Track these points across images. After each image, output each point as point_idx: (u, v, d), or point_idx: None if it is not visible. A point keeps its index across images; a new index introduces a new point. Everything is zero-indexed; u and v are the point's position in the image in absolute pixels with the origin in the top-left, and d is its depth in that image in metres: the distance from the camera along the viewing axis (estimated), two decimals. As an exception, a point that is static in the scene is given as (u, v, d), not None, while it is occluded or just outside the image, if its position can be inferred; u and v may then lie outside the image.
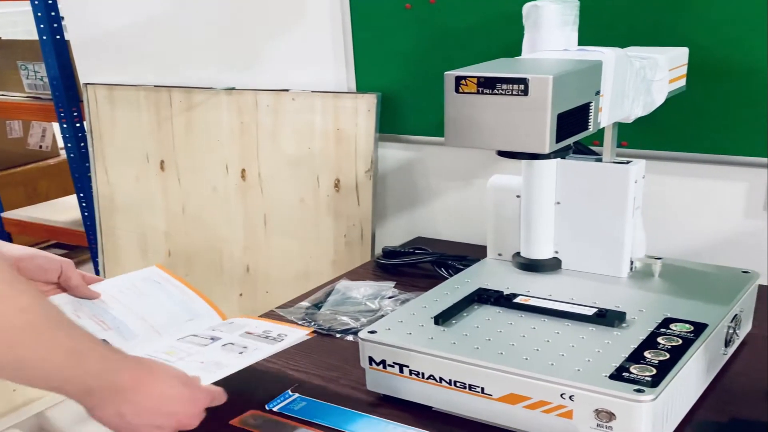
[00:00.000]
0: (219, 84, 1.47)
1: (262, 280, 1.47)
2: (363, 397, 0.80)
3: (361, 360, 0.78)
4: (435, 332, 0.77)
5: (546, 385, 0.66)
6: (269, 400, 0.80)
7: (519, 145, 0.72)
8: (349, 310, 1.03)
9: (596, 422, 0.64)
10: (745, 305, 0.84)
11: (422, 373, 0.74)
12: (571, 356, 0.70)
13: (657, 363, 0.67)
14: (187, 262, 1.58)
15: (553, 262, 0.91)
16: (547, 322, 0.77)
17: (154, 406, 0.67)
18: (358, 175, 1.30)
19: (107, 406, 0.65)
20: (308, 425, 0.75)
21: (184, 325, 0.90)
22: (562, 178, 0.89)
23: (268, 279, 1.46)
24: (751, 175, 1.04)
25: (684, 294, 0.82)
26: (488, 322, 0.78)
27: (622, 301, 0.81)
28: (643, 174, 0.88)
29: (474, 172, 1.26)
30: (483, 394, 0.70)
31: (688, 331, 0.73)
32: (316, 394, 0.81)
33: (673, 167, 1.09)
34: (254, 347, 0.83)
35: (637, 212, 0.88)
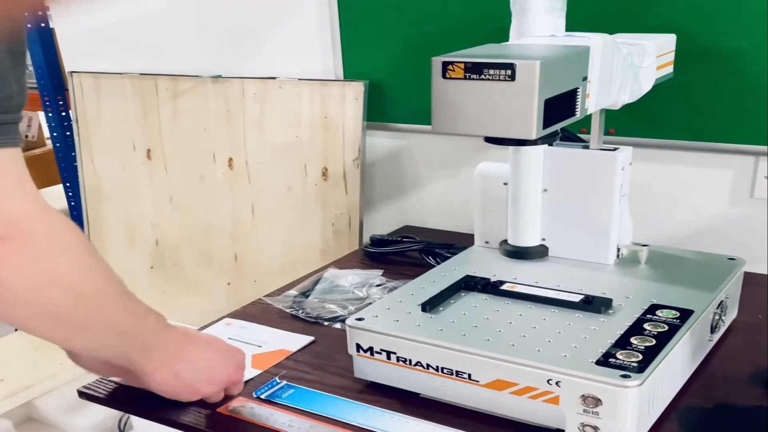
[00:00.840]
0: (205, 72, 1.46)
1: (250, 268, 1.46)
2: (350, 385, 0.79)
3: (349, 347, 0.78)
4: (422, 319, 0.76)
5: (532, 371, 0.66)
6: (257, 387, 0.80)
7: (506, 131, 0.71)
8: (336, 298, 1.03)
9: (583, 408, 0.64)
10: (731, 292, 0.84)
11: (409, 360, 0.73)
12: (557, 342, 0.69)
13: (643, 349, 0.67)
14: (175, 252, 1.57)
15: (540, 249, 0.90)
16: (533, 309, 0.77)
17: (205, 361, 0.74)
18: (345, 163, 1.29)
19: (164, 367, 0.71)
20: (296, 412, 0.75)
21: None
22: (549, 165, 0.88)
23: (256, 268, 1.45)
24: (737, 163, 1.04)
25: (670, 281, 0.82)
26: (475, 309, 0.78)
27: (608, 287, 0.81)
28: (630, 161, 0.87)
29: (462, 160, 1.26)
30: (470, 381, 0.70)
31: (674, 317, 0.73)
32: (304, 382, 0.81)
33: (659, 154, 1.09)
34: None
35: (623, 199, 0.88)
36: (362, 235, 1.31)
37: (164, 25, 1.50)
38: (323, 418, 0.74)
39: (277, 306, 1.00)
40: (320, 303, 1.01)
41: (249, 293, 1.41)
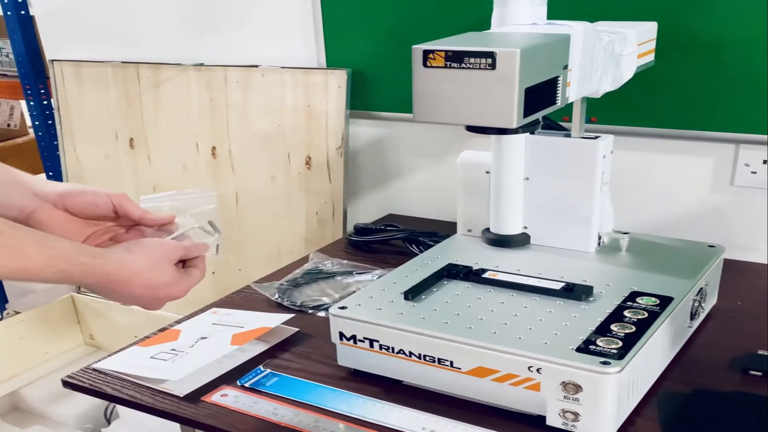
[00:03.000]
0: (188, 60, 1.44)
1: (234, 258, 1.45)
2: (334, 372, 0.79)
3: (332, 335, 0.77)
4: (405, 307, 0.76)
5: (513, 358, 0.66)
6: (241, 375, 0.79)
7: (487, 120, 0.71)
8: (321, 286, 1.02)
9: (563, 394, 0.64)
10: (711, 279, 0.85)
11: (392, 348, 0.73)
12: (538, 330, 0.70)
13: (623, 336, 0.67)
14: (159, 241, 1.56)
15: (522, 237, 0.90)
16: (515, 297, 0.77)
17: (133, 299, 0.71)
18: (329, 152, 1.28)
19: (99, 292, 0.69)
20: (280, 400, 0.75)
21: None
22: (531, 154, 0.88)
23: (240, 257, 1.44)
24: (717, 151, 1.05)
25: (650, 268, 0.83)
26: (457, 297, 0.78)
27: (589, 275, 0.81)
28: (611, 149, 0.88)
29: (445, 149, 1.25)
30: (452, 368, 0.70)
31: (654, 304, 0.74)
32: (288, 370, 0.81)
33: (641, 143, 1.09)
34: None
35: (605, 187, 0.88)
36: (346, 223, 1.30)
37: (146, 12, 1.48)
38: (307, 405, 0.74)
39: (263, 293, 1.00)
40: (304, 291, 1.01)
41: (234, 282, 1.40)
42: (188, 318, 0.94)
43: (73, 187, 0.76)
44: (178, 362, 0.82)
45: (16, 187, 0.73)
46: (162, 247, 0.72)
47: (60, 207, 0.74)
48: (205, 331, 0.89)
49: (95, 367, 0.83)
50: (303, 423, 0.71)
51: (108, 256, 0.67)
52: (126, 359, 0.84)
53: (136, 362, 0.83)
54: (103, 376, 0.81)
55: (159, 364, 0.82)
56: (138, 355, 0.85)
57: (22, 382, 1.55)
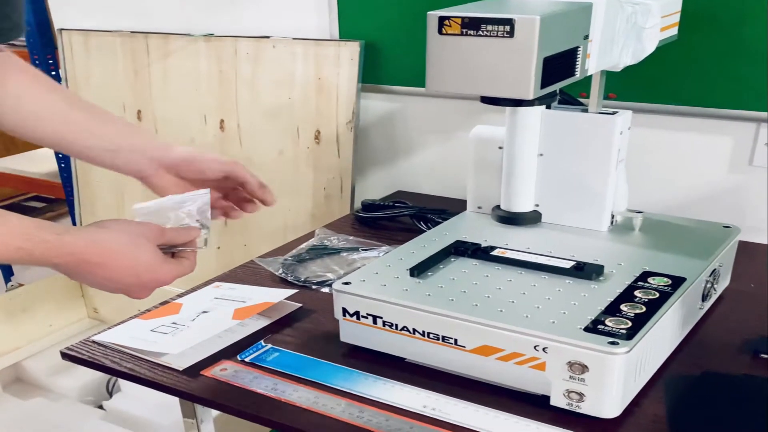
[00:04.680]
0: (197, 30, 1.43)
1: (239, 233, 1.45)
2: (336, 349, 0.79)
3: (335, 311, 0.77)
4: (410, 284, 0.75)
5: (519, 337, 0.65)
6: (242, 350, 0.79)
7: (503, 90, 0.70)
8: (326, 262, 1.02)
9: (569, 374, 0.63)
10: (725, 260, 0.83)
11: (395, 325, 0.73)
12: (546, 309, 0.69)
13: (633, 316, 0.66)
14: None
15: (533, 215, 0.89)
16: (523, 275, 0.76)
17: (105, 284, 0.66)
18: (338, 126, 1.27)
19: (72, 275, 0.65)
20: (280, 375, 0.75)
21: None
22: (546, 129, 0.87)
23: (245, 232, 1.44)
24: (737, 129, 1.03)
25: (663, 248, 0.81)
26: (464, 275, 0.77)
27: (600, 254, 0.80)
28: (629, 125, 0.86)
29: (457, 125, 1.24)
30: (456, 346, 0.69)
31: (666, 284, 0.72)
32: (289, 345, 0.81)
33: (659, 120, 1.07)
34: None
35: (620, 165, 0.87)
36: (354, 199, 1.30)
37: (154, -19, 1.47)
38: (307, 381, 0.73)
39: (267, 269, 1.00)
40: (309, 266, 1.00)
41: (239, 258, 1.40)
42: (190, 292, 0.94)
43: (185, 156, 0.78)
44: (179, 336, 0.82)
45: (135, 154, 0.78)
46: (142, 226, 0.68)
47: (172, 173, 0.78)
48: (207, 306, 0.89)
49: (95, 340, 0.83)
50: (302, 399, 0.71)
51: (78, 234, 0.63)
52: (126, 332, 0.84)
53: (136, 335, 0.83)
54: (103, 349, 0.82)
55: (159, 338, 0.82)
56: (138, 328, 0.85)
57: (25, 354, 1.57)
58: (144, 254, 0.66)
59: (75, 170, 1.70)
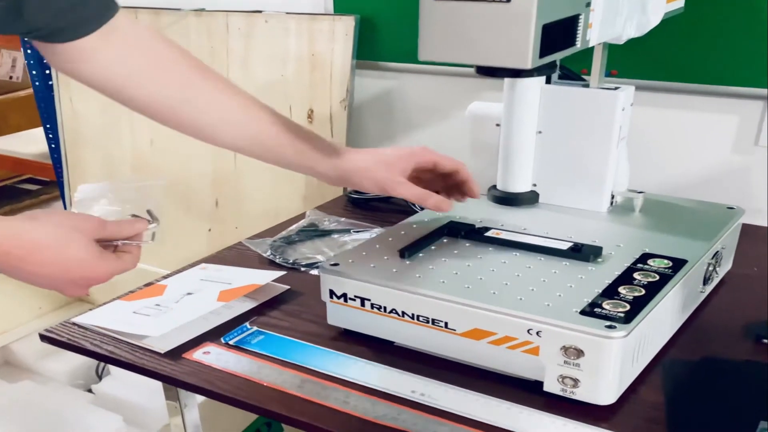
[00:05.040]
0: (187, 4, 1.40)
1: (231, 215, 1.43)
2: (323, 332, 0.77)
3: (322, 293, 0.75)
4: (399, 266, 0.73)
5: (512, 320, 0.63)
6: (226, 333, 0.77)
7: (499, 59, 0.67)
8: (316, 244, 1.00)
9: (563, 359, 0.61)
10: (728, 242, 0.81)
11: (384, 307, 0.70)
12: (541, 291, 0.67)
13: (631, 299, 0.64)
14: (156, 196, 1.54)
15: (530, 195, 0.87)
16: (518, 257, 0.74)
17: (37, 279, 0.61)
18: (332, 105, 1.25)
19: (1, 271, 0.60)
20: (265, 359, 0.73)
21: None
22: (546, 105, 0.84)
23: (237, 214, 1.42)
24: (744, 108, 1.00)
25: (664, 229, 0.79)
26: (456, 256, 0.75)
27: (599, 235, 0.78)
28: (632, 101, 0.83)
29: (455, 103, 1.21)
30: (446, 329, 0.67)
31: (666, 267, 0.70)
32: (275, 328, 0.79)
33: (662, 98, 1.04)
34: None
35: (622, 143, 0.84)
36: (348, 180, 1.27)
37: (143, -46, 1.44)
38: (293, 365, 0.72)
39: (255, 250, 0.98)
40: (299, 248, 0.98)
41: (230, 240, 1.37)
42: (176, 273, 0.92)
43: (369, 166, 0.75)
44: (161, 318, 0.80)
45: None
46: (78, 218, 0.63)
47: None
48: (192, 287, 0.87)
49: (75, 322, 0.81)
50: (287, 383, 0.69)
51: (1, 224, 0.58)
52: (108, 314, 0.82)
53: (118, 317, 0.81)
54: (83, 331, 0.80)
55: (141, 320, 0.80)
56: (120, 309, 0.83)
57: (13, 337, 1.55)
58: (74, 249, 0.60)
59: (64, 150, 1.68)
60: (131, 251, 0.66)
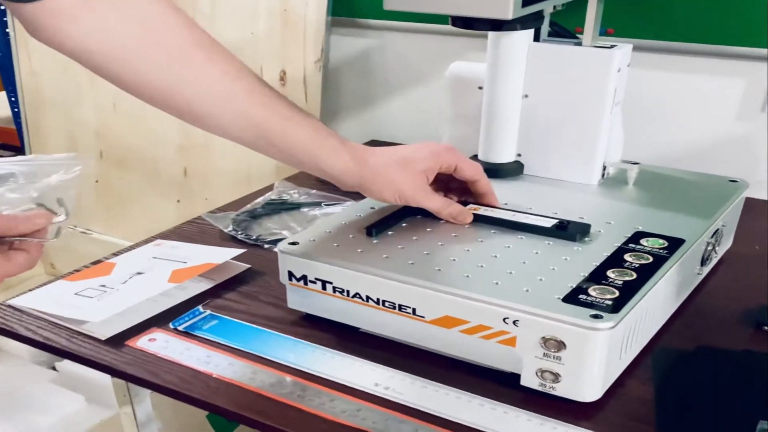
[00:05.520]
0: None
1: (200, 185, 1.36)
2: (283, 316, 0.71)
3: (281, 275, 0.69)
4: (366, 245, 0.67)
5: (486, 307, 0.57)
6: (176, 317, 0.71)
7: (476, 9, 0.60)
8: (283, 218, 0.93)
9: (543, 352, 0.56)
10: (729, 219, 0.75)
11: (347, 291, 0.64)
12: (520, 274, 0.60)
13: (621, 284, 0.58)
14: (120, 165, 1.47)
15: (514, 166, 0.81)
16: (497, 235, 0.68)
17: None
18: (306, 66, 1.17)
19: None
20: (216, 346, 0.67)
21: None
22: (533, 65, 0.77)
23: (207, 184, 1.35)
24: (751, 70, 0.93)
25: (661, 205, 0.73)
26: (429, 234, 0.69)
27: (588, 211, 0.71)
28: (629, 61, 0.77)
29: (438, 64, 1.14)
30: (414, 316, 0.61)
31: (661, 247, 0.64)
32: (231, 312, 0.73)
33: (662, 60, 0.97)
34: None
35: (616, 108, 0.77)
36: (322, 148, 1.20)
37: None
38: (246, 354, 0.66)
39: (216, 225, 0.91)
40: (263, 223, 0.92)
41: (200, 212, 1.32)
42: (127, 251, 0.86)
43: (389, 169, 0.68)
44: (105, 301, 0.74)
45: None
46: None
47: None
48: (143, 266, 0.81)
49: (11, 304, 0.75)
50: (237, 374, 0.63)
51: None
52: (47, 296, 0.76)
53: (58, 300, 0.75)
54: (20, 315, 0.73)
55: (82, 303, 0.73)
56: (61, 291, 0.77)
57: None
58: None
59: (24, 115, 1.60)
60: (28, 250, 0.55)
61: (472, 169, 0.71)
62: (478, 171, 0.71)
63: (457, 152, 0.71)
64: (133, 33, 0.57)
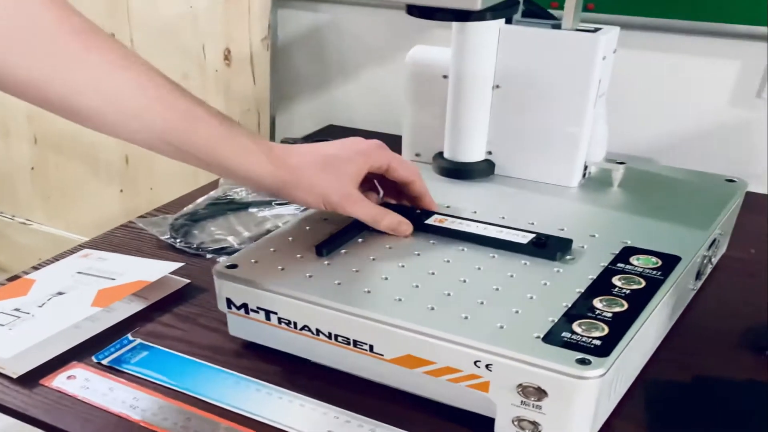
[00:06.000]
0: None
1: (144, 173, 1.26)
2: (224, 344, 0.63)
3: (218, 302, 0.60)
4: (316, 267, 0.59)
5: (454, 348, 0.49)
6: (102, 347, 0.63)
7: (436, -2, 0.52)
8: (229, 221, 0.85)
9: (520, 399, 0.48)
10: (727, 225, 0.68)
11: (294, 323, 0.56)
12: (493, 304, 0.53)
13: (610, 318, 0.51)
14: (57, 151, 1.36)
15: (484, 166, 0.73)
16: (466, 253, 0.60)
17: None
18: (252, 44, 1.07)
19: None
20: (145, 385, 0.59)
21: None
22: (505, 51, 0.69)
23: (151, 173, 1.25)
24: (747, 51, 0.86)
25: (651, 212, 0.66)
26: (389, 254, 0.60)
27: (568, 220, 0.64)
28: (615, 47, 0.69)
29: (400, 42, 1.05)
30: (372, 354, 0.54)
31: (654, 267, 0.57)
32: (165, 340, 0.64)
33: (646, 39, 0.90)
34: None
35: (600, 101, 0.70)
36: (274, 136, 1.12)
37: None
38: (179, 394, 0.58)
39: (150, 231, 0.82)
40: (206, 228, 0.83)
41: (144, 203, 1.23)
42: (50, 263, 0.77)
43: (311, 170, 0.60)
44: (18, 329, 0.65)
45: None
46: None
47: None
48: (65, 284, 0.72)
49: None
50: (168, 422, 0.55)
51: None
52: (-49, 322, 0.66)
53: (-37, 327, 0.65)
54: None
55: (-9, 331, 0.64)
56: (-33, 316, 0.67)
57: None
58: None
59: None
60: None
61: (407, 170, 0.63)
62: (413, 172, 0.64)
63: (388, 150, 0.63)
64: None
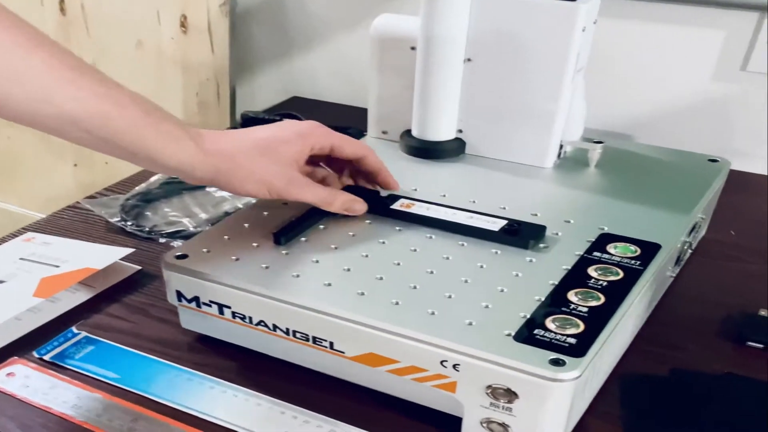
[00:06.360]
0: None
1: (98, 148, 1.21)
2: (176, 337, 0.60)
3: (168, 294, 0.57)
4: (272, 257, 0.55)
5: (419, 346, 0.46)
6: (44, 341, 0.59)
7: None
8: (184, 201, 0.81)
9: (489, 401, 0.45)
10: (709, 207, 0.66)
11: (249, 318, 0.53)
12: (461, 298, 0.50)
13: (585, 313, 0.48)
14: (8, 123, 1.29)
15: (454, 145, 0.69)
16: (434, 241, 0.57)
17: None
18: (210, 10, 1.02)
19: None
20: (89, 383, 0.55)
21: None
22: (478, 22, 0.66)
23: (106, 147, 1.20)
24: (732, 21, 0.82)
25: (629, 195, 0.63)
26: (351, 241, 0.57)
27: (542, 204, 0.61)
28: (596, 18, 0.65)
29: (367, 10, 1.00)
30: (333, 351, 0.50)
31: (633, 256, 0.54)
32: (113, 332, 0.61)
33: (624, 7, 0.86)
34: None
35: (578, 76, 0.66)
36: (235, 109, 1.07)
37: None
38: (126, 393, 0.54)
39: (99, 213, 0.78)
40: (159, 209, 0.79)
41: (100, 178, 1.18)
42: (-9, 247, 0.72)
43: (247, 157, 0.56)
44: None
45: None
46: None
47: None
48: (5, 272, 0.68)
49: None
50: (114, 423, 0.52)
51: None
52: None
53: None
54: None
55: None
56: None
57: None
58: None
59: None
60: None
61: (354, 146, 0.60)
62: (362, 146, 0.60)
63: (328, 129, 0.59)
64: None
